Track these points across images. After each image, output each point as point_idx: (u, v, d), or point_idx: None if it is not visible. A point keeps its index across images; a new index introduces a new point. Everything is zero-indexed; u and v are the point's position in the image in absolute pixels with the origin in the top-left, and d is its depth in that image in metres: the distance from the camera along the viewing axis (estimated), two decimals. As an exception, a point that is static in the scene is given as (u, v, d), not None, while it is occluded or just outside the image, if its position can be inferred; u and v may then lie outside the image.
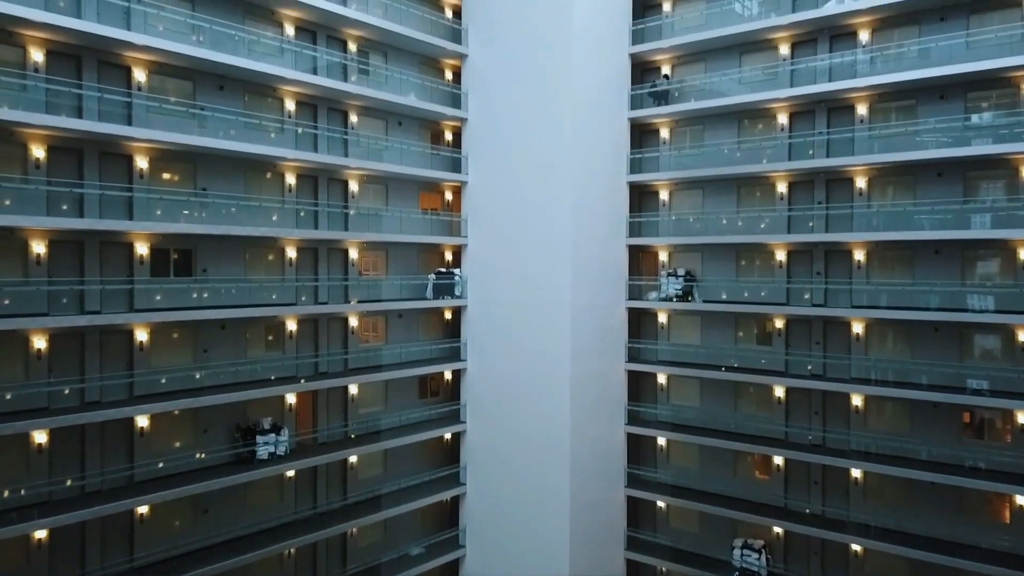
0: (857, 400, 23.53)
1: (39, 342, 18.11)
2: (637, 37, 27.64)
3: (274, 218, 22.99)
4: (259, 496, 22.55)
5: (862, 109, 23.66)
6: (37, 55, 17.93)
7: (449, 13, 28.44)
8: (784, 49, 25.07)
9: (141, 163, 19.91)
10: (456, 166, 28.24)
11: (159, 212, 20.19)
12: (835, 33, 24.11)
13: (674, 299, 26.89)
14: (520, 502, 26.02)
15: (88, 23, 18.10)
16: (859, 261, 23.69)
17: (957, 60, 21.58)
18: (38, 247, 18.05)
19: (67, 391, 18.52)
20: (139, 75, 19.80)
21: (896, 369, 22.92)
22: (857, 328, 23.68)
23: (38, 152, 18.01)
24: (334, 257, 24.89)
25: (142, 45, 18.96)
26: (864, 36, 23.56)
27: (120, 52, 19.27)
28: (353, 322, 25.23)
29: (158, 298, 20.20)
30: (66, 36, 18.08)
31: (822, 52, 24.33)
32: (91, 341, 19.07)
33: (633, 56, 27.62)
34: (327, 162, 23.65)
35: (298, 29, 23.48)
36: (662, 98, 27.35)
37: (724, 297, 26.36)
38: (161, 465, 20.10)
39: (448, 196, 28.88)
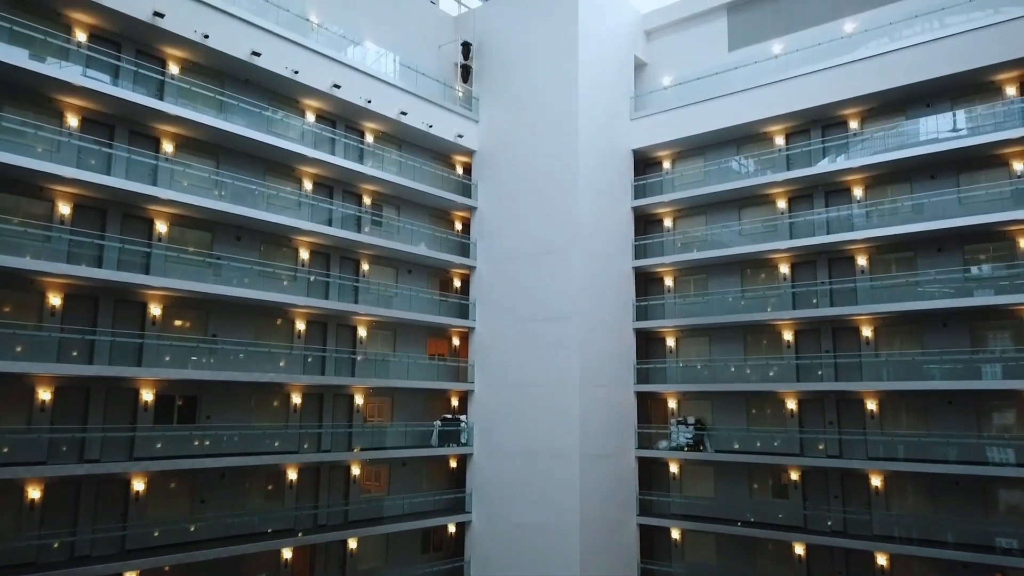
0: (882, 559, 22.32)
1: (34, 492, 17.61)
2: (639, 192, 28.83)
3: (282, 364, 23.02)
4: (247, 663, 21.06)
5: (862, 260, 24.17)
6: (64, 208, 18.73)
7: (460, 170, 29.87)
8: (782, 203, 25.99)
9: (155, 310, 20.26)
10: (464, 312, 28.58)
11: (168, 358, 20.28)
12: (830, 189, 25.07)
13: (685, 448, 26.24)
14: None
15: (117, 179, 19.04)
16: (872, 411, 23.29)
17: (951, 215, 22.20)
18: (44, 393, 18.01)
19: (57, 544, 17.80)
20: (160, 226, 20.58)
21: (920, 526, 21.94)
22: (875, 481, 22.90)
23: (55, 300, 18.39)
24: (340, 403, 24.67)
25: (167, 199, 19.87)
26: (858, 192, 24.46)
27: (144, 205, 20.12)
28: (355, 471, 24.58)
29: (159, 446, 19.83)
30: (94, 191, 18.95)
31: (818, 206, 25.18)
32: (87, 491, 18.56)
33: (636, 209, 28.67)
34: (338, 308, 24.00)
35: (316, 184, 24.62)
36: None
37: (736, 447, 25.72)
38: (145, 628, 18.95)
39: (456, 342, 29.03)
